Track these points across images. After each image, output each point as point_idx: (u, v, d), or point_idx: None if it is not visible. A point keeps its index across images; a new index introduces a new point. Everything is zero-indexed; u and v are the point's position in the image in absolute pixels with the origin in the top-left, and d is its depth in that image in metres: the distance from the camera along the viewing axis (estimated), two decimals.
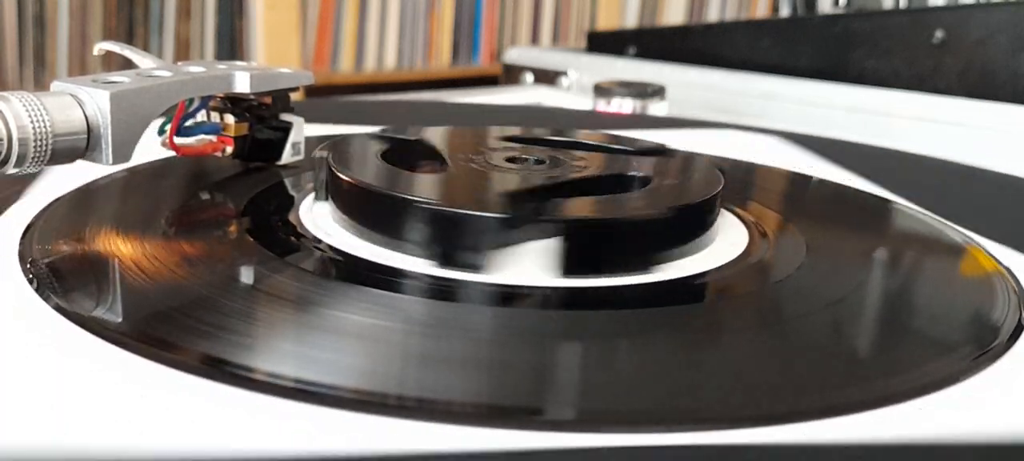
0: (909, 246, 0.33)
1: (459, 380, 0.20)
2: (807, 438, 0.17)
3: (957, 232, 0.32)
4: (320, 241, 0.27)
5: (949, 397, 0.19)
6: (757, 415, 0.18)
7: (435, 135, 0.33)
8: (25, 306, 0.22)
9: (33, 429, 0.16)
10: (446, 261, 0.25)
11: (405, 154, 0.31)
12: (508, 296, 0.24)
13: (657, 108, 0.57)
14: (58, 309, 0.21)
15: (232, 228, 0.28)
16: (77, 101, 0.25)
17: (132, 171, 0.33)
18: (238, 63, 0.32)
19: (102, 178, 0.32)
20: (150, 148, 0.30)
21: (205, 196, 0.32)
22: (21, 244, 0.26)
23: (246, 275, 0.25)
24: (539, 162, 0.30)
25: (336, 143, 0.30)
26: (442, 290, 0.24)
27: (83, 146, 0.25)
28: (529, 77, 0.77)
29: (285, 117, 0.34)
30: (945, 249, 0.31)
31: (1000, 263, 0.29)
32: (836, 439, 0.17)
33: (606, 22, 1.54)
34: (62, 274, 0.24)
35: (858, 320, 0.24)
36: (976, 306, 0.26)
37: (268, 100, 0.33)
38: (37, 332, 0.20)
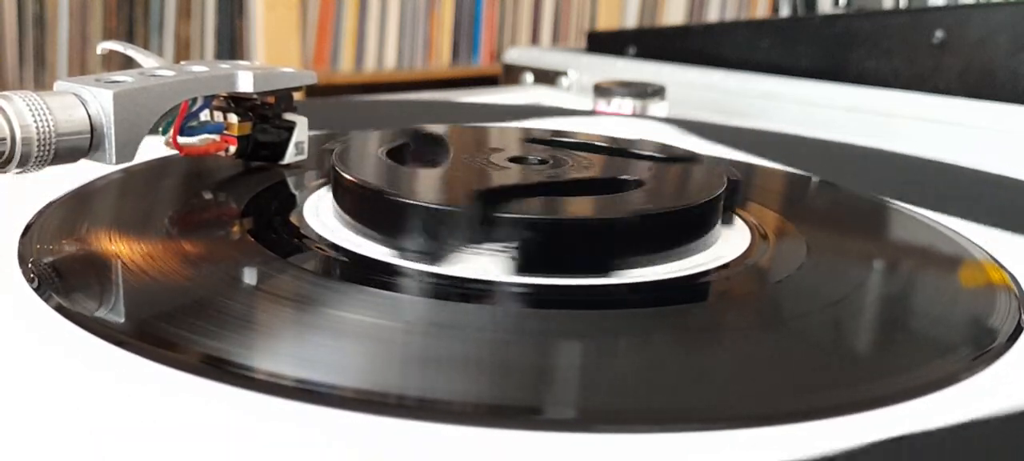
0: (909, 247, 0.33)
1: (459, 380, 0.20)
2: (807, 438, 0.17)
3: (956, 233, 0.32)
4: (322, 241, 0.27)
5: (949, 397, 0.20)
6: (757, 415, 0.18)
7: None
8: (25, 306, 0.22)
9: (34, 430, 0.16)
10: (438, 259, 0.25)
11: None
12: (508, 295, 0.24)
13: (657, 108, 0.57)
14: (59, 309, 0.21)
15: (234, 228, 0.28)
16: (80, 100, 0.25)
17: (133, 171, 0.33)
18: (241, 63, 0.32)
19: (103, 177, 0.32)
20: (152, 148, 0.30)
21: (207, 196, 0.32)
22: (21, 244, 0.26)
23: (248, 275, 0.25)
24: (541, 162, 0.30)
25: (343, 146, 0.31)
26: (444, 289, 0.24)
27: (86, 146, 0.25)
28: (529, 77, 0.77)
29: (288, 116, 0.34)
30: (945, 250, 0.31)
31: (999, 263, 0.29)
32: (836, 439, 0.18)
33: (606, 22, 1.54)
34: (63, 274, 0.24)
35: (858, 321, 0.24)
36: (975, 307, 0.26)
37: (271, 100, 0.33)
38: (37, 332, 0.20)
